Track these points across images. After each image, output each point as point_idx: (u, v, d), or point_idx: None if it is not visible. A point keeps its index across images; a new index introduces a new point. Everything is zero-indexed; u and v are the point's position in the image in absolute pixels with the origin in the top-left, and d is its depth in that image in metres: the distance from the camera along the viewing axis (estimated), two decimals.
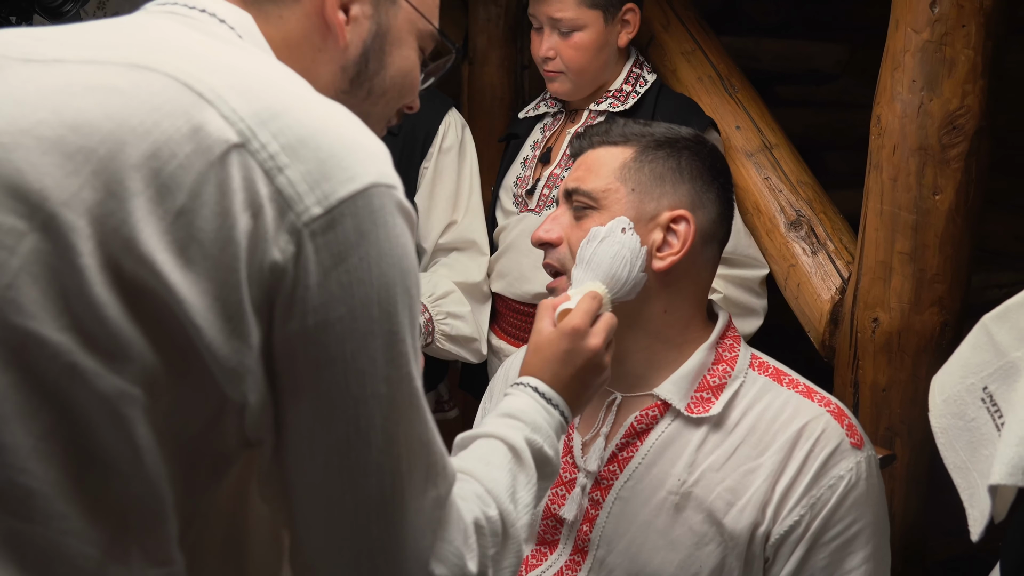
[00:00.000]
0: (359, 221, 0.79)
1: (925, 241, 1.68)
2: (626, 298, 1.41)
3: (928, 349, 1.72)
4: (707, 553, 1.37)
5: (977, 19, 1.60)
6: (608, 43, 2.16)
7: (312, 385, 0.80)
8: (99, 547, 0.78)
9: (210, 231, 0.76)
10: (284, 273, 0.77)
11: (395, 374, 0.82)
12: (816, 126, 3.31)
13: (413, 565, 0.86)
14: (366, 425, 0.81)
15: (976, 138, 1.64)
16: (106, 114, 0.79)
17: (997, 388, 1.03)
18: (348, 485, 0.82)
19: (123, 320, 0.76)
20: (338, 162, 0.79)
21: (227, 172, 0.77)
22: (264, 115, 0.80)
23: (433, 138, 2.25)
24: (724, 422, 1.41)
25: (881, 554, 1.41)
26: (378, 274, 0.80)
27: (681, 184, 1.43)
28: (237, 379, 0.78)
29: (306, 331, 0.78)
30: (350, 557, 0.84)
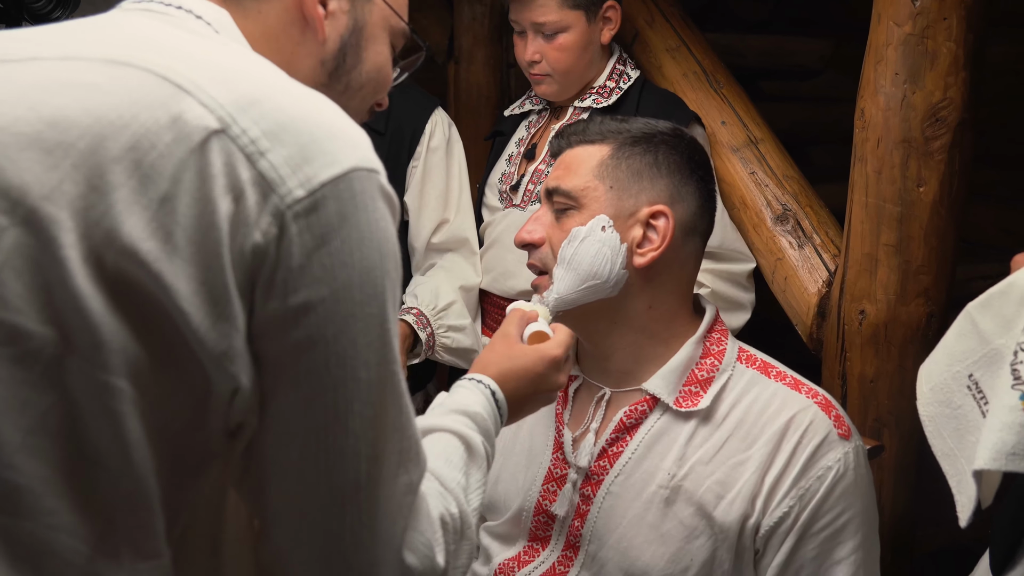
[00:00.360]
0: (341, 204, 0.79)
1: (910, 233, 1.69)
2: (609, 295, 1.41)
3: (914, 340, 1.74)
4: (698, 546, 1.38)
5: (958, 12, 1.61)
6: (592, 42, 2.17)
7: (293, 367, 0.80)
8: (88, 542, 0.78)
9: (192, 216, 0.76)
10: (266, 255, 0.77)
11: (375, 358, 0.82)
12: (801, 121, 3.32)
13: (385, 552, 0.86)
14: (345, 409, 0.81)
15: (959, 130, 1.65)
16: (84, 109, 0.79)
17: (982, 375, 1.04)
18: (324, 469, 0.82)
19: (106, 313, 0.76)
20: (320, 146, 0.80)
21: (207, 158, 0.77)
22: (243, 102, 0.80)
23: (420, 137, 2.25)
24: (713, 415, 1.42)
25: (870, 543, 1.42)
26: (360, 257, 0.80)
27: (659, 179, 1.43)
28: (227, 362, 0.78)
29: (288, 313, 0.78)
30: (322, 543, 0.84)
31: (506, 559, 1.52)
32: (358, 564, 0.85)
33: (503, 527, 1.55)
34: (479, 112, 2.75)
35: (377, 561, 0.86)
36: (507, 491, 1.54)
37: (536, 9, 2.12)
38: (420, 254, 2.30)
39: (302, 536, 0.84)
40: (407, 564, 0.87)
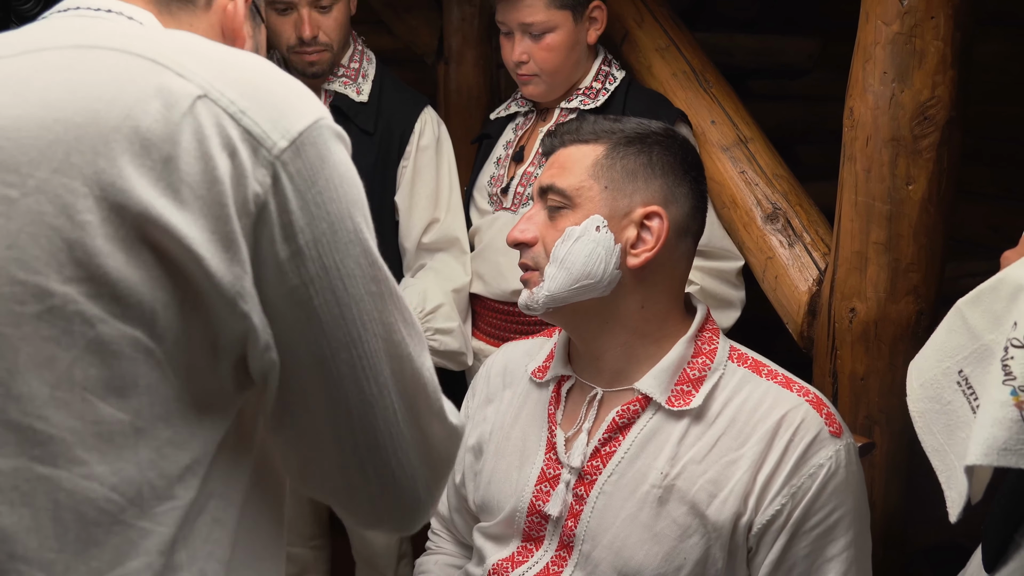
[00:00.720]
0: (318, 148, 0.89)
1: (899, 231, 1.70)
2: (602, 294, 1.42)
3: (904, 338, 1.74)
4: (691, 545, 1.38)
5: (945, 10, 1.61)
6: (578, 41, 2.17)
7: (318, 295, 0.89)
8: (118, 491, 0.85)
9: (196, 173, 0.84)
10: (267, 204, 0.86)
11: (377, 274, 0.93)
12: (789, 120, 3.33)
13: (436, 421, 1.00)
14: (368, 318, 0.92)
15: (947, 128, 1.66)
16: (70, 89, 0.86)
17: (972, 371, 1.04)
18: (368, 371, 0.92)
19: (127, 268, 0.82)
20: (288, 102, 0.90)
21: (199, 120, 0.85)
22: (213, 70, 0.89)
23: (410, 137, 2.25)
24: (705, 414, 1.42)
25: (862, 540, 1.42)
26: (343, 191, 0.90)
27: (653, 179, 1.44)
28: (240, 302, 0.86)
29: (299, 250, 0.87)
30: (385, 436, 0.95)
31: (500, 559, 1.52)
32: (414, 440, 0.97)
33: (496, 528, 1.55)
34: (469, 112, 2.75)
35: (430, 431, 0.99)
36: (500, 492, 1.54)
37: (523, 10, 2.12)
38: (411, 254, 2.30)
39: (366, 436, 0.94)
40: (451, 423, 1.02)
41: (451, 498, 1.71)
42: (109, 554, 0.85)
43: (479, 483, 1.59)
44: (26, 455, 0.83)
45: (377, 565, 2.53)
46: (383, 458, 0.96)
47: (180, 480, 0.88)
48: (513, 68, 2.20)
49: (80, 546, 0.84)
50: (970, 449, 0.96)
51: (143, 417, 0.86)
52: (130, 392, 0.85)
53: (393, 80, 2.35)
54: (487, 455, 1.59)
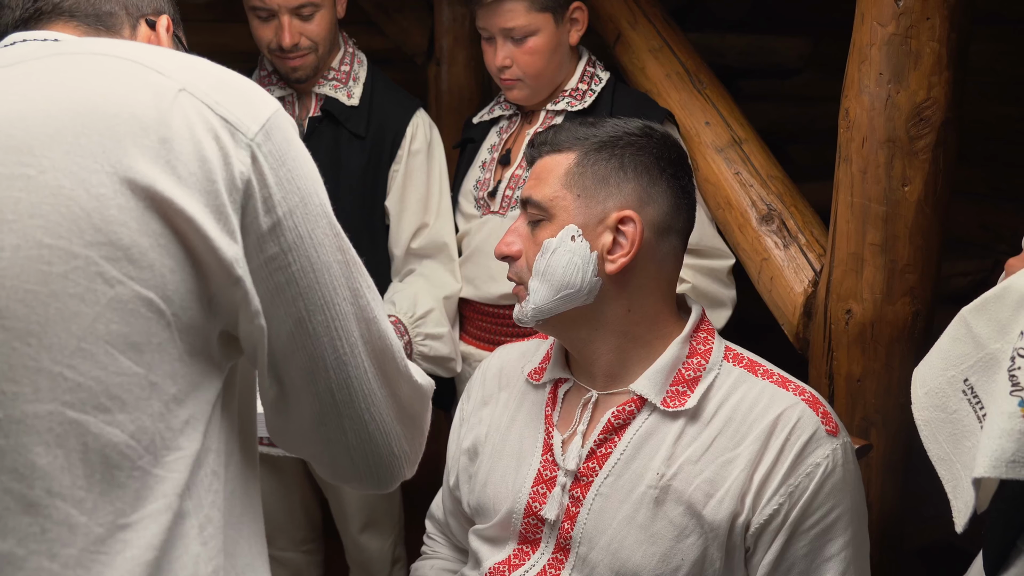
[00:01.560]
0: (283, 132, 1.00)
1: (895, 232, 1.70)
2: (585, 302, 1.42)
3: (901, 339, 1.74)
4: (688, 545, 1.38)
5: (941, 12, 1.61)
6: (561, 44, 2.16)
7: (295, 261, 0.99)
8: (135, 438, 0.93)
9: (188, 153, 0.93)
10: (251, 182, 0.96)
11: (341, 244, 1.04)
12: (780, 120, 3.34)
13: (403, 381, 1.10)
14: (337, 283, 1.03)
15: (943, 129, 1.66)
16: (67, 86, 0.95)
17: (977, 380, 1.04)
18: (341, 332, 1.03)
19: (138, 235, 0.91)
20: (251, 94, 1.01)
21: (184, 108, 0.95)
22: (185, 67, 0.99)
23: (401, 140, 2.23)
24: (700, 414, 1.42)
25: (860, 540, 1.42)
26: (308, 170, 1.02)
27: (625, 183, 1.43)
28: (237, 266, 0.95)
29: (279, 221, 0.98)
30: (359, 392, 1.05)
31: (496, 562, 1.51)
32: (384, 396, 1.07)
33: (493, 530, 1.54)
34: (461, 113, 2.74)
35: (399, 392, 1.10)
36: (496, 494, 1.54)
37: (504, 14, 2.11)
38: (399, 260, 2.28)
39: (340, 391, 1.05)
40: (417, 383, 1.13)
41: (446, 502, 1.70)
42: (131, 496, 0.93)
43: (474, 486, 1.58)
44: (59, 400, 0.90)
45: (371, 570, 2.52)
46: (358, 412, 1.06)
47: (183, 432, 0.96)
48: (496, 73, 2.19)
49: (106, 487, 0.92)
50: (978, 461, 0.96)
51: (156, 372, 0.94)
52: (145, 348, 0.93)
53: (385, 82, 2.33)
54: (483, 457, 1.58)
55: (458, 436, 1.65)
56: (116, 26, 1.19)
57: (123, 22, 1.20)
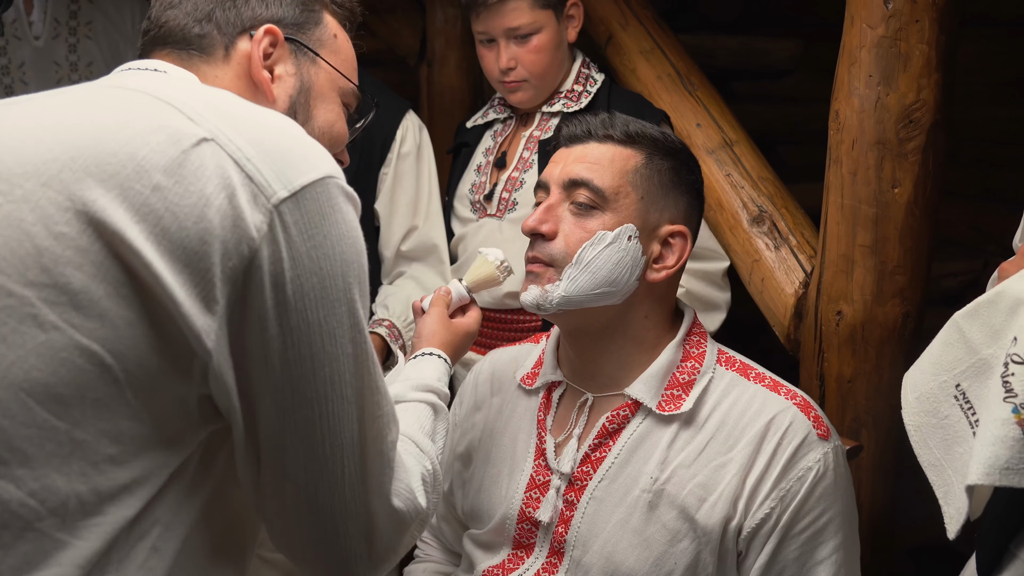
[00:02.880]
0: (320, 205, 0.92)
1: (885, 234, 1.70)
2: (613, 303, 1.41)
3: (891, 340, 1.75)
4: (681, 549, 1.38)
5: (930, 14, 1.62)
6: (562, 41, 2.17)
7: (293, 347, 0.92)
8: (37, 497, 0.86)
9: (185, 206, 0.87)
10: (259, 250, 0.88)
11: (357, 336, 0.96)
12: (771, 121, 3.34)
13: (378, 499, 1.02)
14: (339, 380, 0.95)
15: (932, 131, 1.66)
16: (83, 116, 0.92)
17: (969, 385, 1.03)
18: (326, 434, 0.95)
19: (93, 281, 0.86)
20: (297, 156, 0.93)
21: (201, 159, 0.89)
22: (226, 117, 0.93)
23: (391, 143, 2.23)
24: (694, 418, 1.42)
25: (851, 543, 1.43)
26: (340, 251, 0.93)
27: (680, 197, 1.45)
28: (205, 337, 0.88)
29: (286, 300, 0.90)
30: (325, 497, 0.97)
31: (490, 567, 1.51)
32: (355, 509, 0.99)
33: (487, 535, 1.54)
34: (452, 115, 2.73)
35: (373, 508, 1.01)
36: (489, 499, 1.54)
37: (508, 14, 2.11)
38: (389, 262, 2.28)
39: (308, 492, 0.97)
40: (395, 507, 1.04)
41: (439, 506, 1.70)
42: (15, 559, 0.85)
43: (468, 491, 1.58)
44: None
45: None
46: (320, 520, 0.98)
47: (113, 499, 0.88)
48: (498, 77, 2.18)
49: None
50: (971, 468, 0.96)
51: (84, 429, 0.87)
52: (74, 402, 0.86)
53: (374, 84, 2.33)
54: (476, 463, 1.58)
55: (451, 441, 1.65)
56: (209, 48, 1.11)
57: (216, 43, 1.11)
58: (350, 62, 1.23)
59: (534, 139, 2.20)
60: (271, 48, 1.12)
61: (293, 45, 1.15)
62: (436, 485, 1.16)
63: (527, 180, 2.17)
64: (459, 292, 1.52)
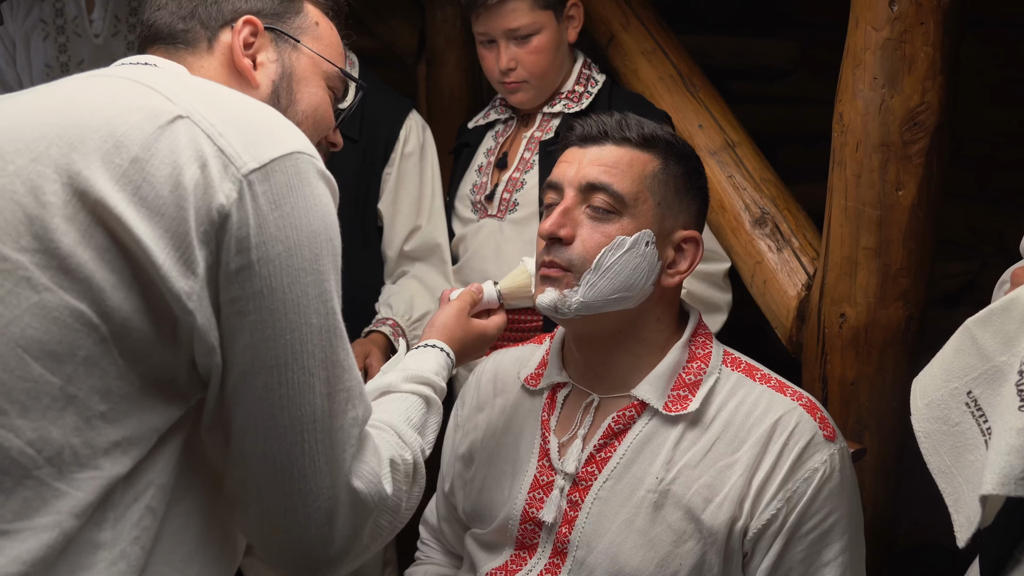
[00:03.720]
0: (288, 177, 0.97)
1: (889, 236, 1.70)
2: (628, 307, 1.41)
3: (894, 343, 1.75)
4: (686, 550, 1.38)
5: (935, 16, 1.62)
6: (562, 41, 2.16)
7: (256, 312, 0.96)
8: (34, 446, 0.91)
9: (161, 176, 0.94)
10: (229, 215, 0.94)
11: (323, 308, 0.99)
12: (769, 121, 3.34)
13: (337, 476, 1.02)
14: (300, 349, 0.97)
15: (937, 133, 1.66)
16: (68, 101, 1.00)
17: (981, 393, 1.02)
18: (285, 402, 0.98)
19: (79, 247, 0.92)
20: (267, 132, 0.99)
21: (175, 133, 0.95)
22: (201, 98, 1.00)
23: (395, 143, 2.22)
24: (700, 419, 1.42)
25: (856, 544, 1.43)
26: (306, 222, 0.97)
27: (692, 202, 1.45)
28: (186, 299, 0.93)
29: (250, 264, 0.95)
30: (283, 468, 0.99)
31: (493, 568, 1.51)
32: (316, 485, 1.00)
33: (489, 536, 1.54)
34: (452, 114, 2.72)
35: (331, 483, 1.01)
36: (492, 500, 1.53)
37: (508, 15, 2.10)
38: (392, 261, 2.27)
39: (265, 466, 0.99)
40: (354, 487, 1.04)
41: (440, 507, 1.69)
42: (16, 504, 0.90)
43: (470, 492, 1.58)
44: None
45: (362, 572, 2.51)
46: (279, 497, 1.00)
47: (107, 453, 0.93)
48: (499, 78, 2.17)
49: None
50: (986, 478, 0.94)
51: (76, 385, 0.92)
52: (66, 359, 0.92)
53: (375, 83, 2.32)
54: (478, 463, 1.58)
55: (453, 442, 1.65)
56: (194, 41, 1.18)
57: (200, 37, 1.18)
58: (334, 47, 1.28)
59: (535, 140, 2.19)
60: (252, 38, 1.19)
61: (273, 33, 1.21)
62: (416, 478, 1.15)
63: (528, 181, 2.17)
64: (490, 294, 1.51)
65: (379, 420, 1.17)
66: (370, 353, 2.05)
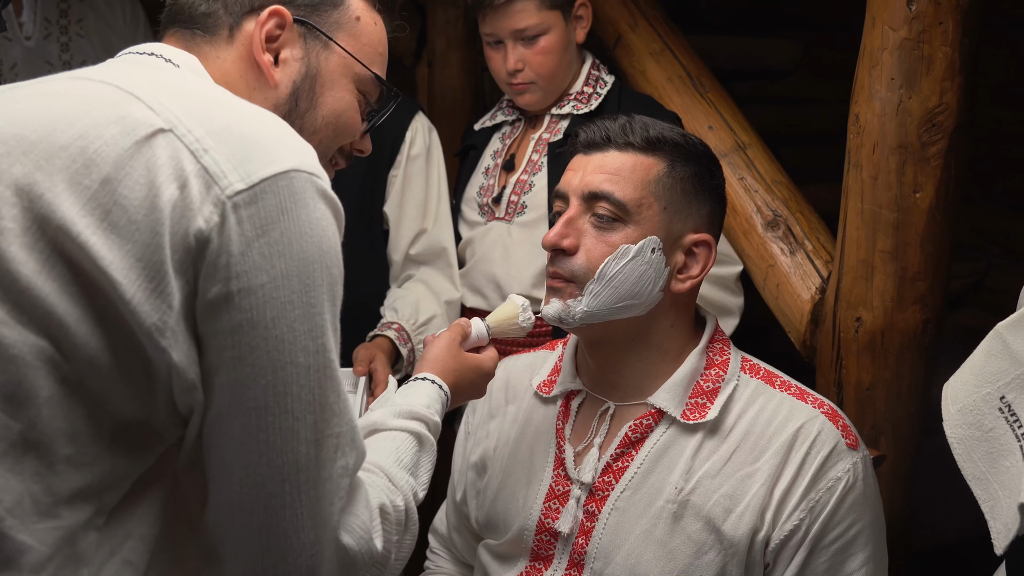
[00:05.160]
0: (280, 199, 0.87)
1: (907, 239, 1.68)
2: (637, 314, 1.39)
3: (911, 347, 1.73)
4: (707, 562, 1.36)
5: (954, 16, 1.60)
6: (570, 42, 2.14)
7: (234, 348, 0.86)
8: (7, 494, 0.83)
9: (135, 199, 0.85)
10: (208, 241, 0.85)
11: (312, 345, 0.89)
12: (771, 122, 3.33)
13: (322, 530, 0.92)
14: (283, 390, 0.88)
15: (955, 135, 1.64)
16: (41, 108, 0.90)
17: (1015, 398, 1.02)
18: (264, 448, 0.88)
19: (39, 278, 0.83)
20: (261, 147, 0.89)
21: (153, 150, 0.86)
22: (190, 108, 0.90)
23: (401, 145, 2.20)
24: (719, 427, 1.40)
25: (880, 555, 1.41)
26: (298, 249, 0.87)
27: (703, 205, 1.42)
28: (158, 335, 0.85)
29: (229, 296, 0.85)
30: (263, 520, 0.89)
31: None
32: (297, 541, 0.90)
33: (504, 547, 1.51)
34: (454, 116, 2.71)
35: (315, 539, 0.91)
36: (507, 510, 1.50)
37: (515, 16, 2.08)
38: (398, 265, 2.25)
39: (243, 515, 0.89)
40: (343, 543, 0.94)
41: (450, 516, 1.66)
42: None
43: (483, 501, 1.55)
44: None
45: None
46: (258, 552, 0.90)
47: (68, 502, 0.85)
48: (506, 79, 2.15)
49: None
50: None
51: (39, 429, 0.84)
52: (27, 402, 0.84)
53: None
54: (492, 472, 1.55)
55: (464, 450, 1.62)
56: (213, 27, 1.07)
57: (221, 23, 1.07)
58: (373, 47, 1.16)
59: (543, 142, 2.17)
60: (278, 30, 1.07)
61: (303, 28, 1.09)
62: (407, 525, 1.05)
63: (536, 183, 2.14)
64: (479, 330, 1.41)
65: (368, 462, 1.06)
66: (375, 357, 2.02)
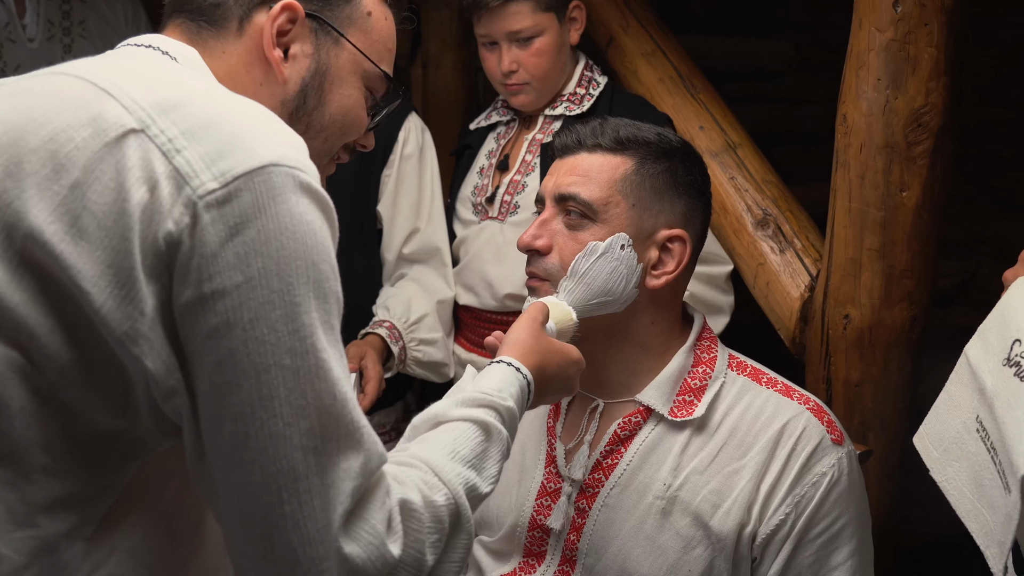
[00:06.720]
0: (257, 196, 0.83)
1: (893, 237, 1.70)
2: (615, 311, 1.40)
3: (899, 344, 1.75)
4: (695, 557, 1.37)
5: (939, 17, 1.62)
6: (564, 44, 2.16)
7: (213, 352, 0.82)
8: None
9: (105, 204, 0.82)
10: (179, 243, 0.82)
11: (299, 346, 0.84)
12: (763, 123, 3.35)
13: (323, 540, 0.85)
14: (269, 394, 0.83)
15: (941, 135, 1.66)
16: (13, 109, 0.88)
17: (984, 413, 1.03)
18: (256, 456, 0.83)
19: (8, 287, 0.82)
20: (238, 142, 0.85)
21: (123, 152, 0.83)
22: (165, 104, 0.87)
23: (394, 145, 2.21)
24: (707, 424, 1.42)
25: (865, 548, 1.42)
26: (277, 247, 0.83)
27: (677, 200, 1.42)
28: (130, 343, 0.82)
29: (203, 299, 0.82)
30: (262, 530, 0.84)
31: (501, 575, 1.50)
32: (304, 555, 0.84)
33: (497, 544, 1.53)
34: (448, 117, 2.72)
35: (318, 550, 0.85)
36: (499, 507, 1.52)
37: (509, 17, 2.09)
38: (391, 264, 2.26)
39: (244, 523, 0.85)
40: (345, 553, 0.85)
41: None
42: None
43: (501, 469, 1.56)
44: None
45: None
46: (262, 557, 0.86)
47: (47, 511, 0.84)
48: (500, 80, 2.16)
49: None
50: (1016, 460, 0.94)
51: (11, 440, 0.82)
52: (2, 412, 0.82)
53: None
54: None
55: None
56: (222, 19, 1.03)
57: (230, 14, 1.03)
58: (382, 43, 1.12)
59: (537, 142, 2.18)
60: (289, 25, 1.03)
61: (315, 23, 1.05)
62: (456, 524, 0.94)
63: (529, 183, 2.16)
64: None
65: (414, 456, 0.97)
66: (365, 355, 2.04)
